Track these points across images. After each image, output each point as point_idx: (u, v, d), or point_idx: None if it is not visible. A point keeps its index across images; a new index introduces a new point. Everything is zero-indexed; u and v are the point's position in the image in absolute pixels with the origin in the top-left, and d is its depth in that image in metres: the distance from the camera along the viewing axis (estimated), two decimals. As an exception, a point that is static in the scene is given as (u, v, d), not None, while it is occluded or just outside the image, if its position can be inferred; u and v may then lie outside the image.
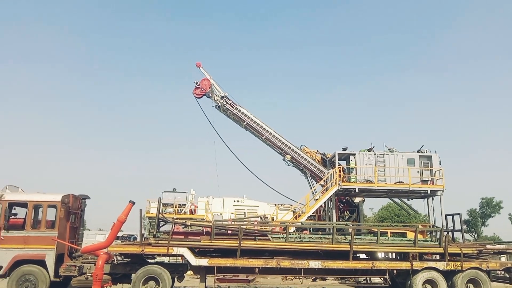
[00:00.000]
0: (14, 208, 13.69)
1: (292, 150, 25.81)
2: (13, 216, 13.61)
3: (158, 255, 14.26)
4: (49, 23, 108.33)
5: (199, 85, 26.69)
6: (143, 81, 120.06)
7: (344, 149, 23.39)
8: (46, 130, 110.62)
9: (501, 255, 17.17)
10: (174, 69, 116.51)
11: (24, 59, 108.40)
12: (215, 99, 26.52)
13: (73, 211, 14.33)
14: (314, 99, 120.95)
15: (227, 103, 26.41)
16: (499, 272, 15.16)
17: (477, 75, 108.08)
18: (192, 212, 25.94)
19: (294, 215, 23.52)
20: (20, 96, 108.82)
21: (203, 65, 27.15)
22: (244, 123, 26.29)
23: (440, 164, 22.75)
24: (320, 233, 16.57)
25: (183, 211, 25.59)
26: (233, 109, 26.39)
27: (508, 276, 14.63)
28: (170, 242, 13.42)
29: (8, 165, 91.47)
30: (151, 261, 14.32)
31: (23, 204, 13.44)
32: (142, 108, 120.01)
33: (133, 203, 13.72)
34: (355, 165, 22.64)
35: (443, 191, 22.16)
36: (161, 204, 16.29)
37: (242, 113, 26.36)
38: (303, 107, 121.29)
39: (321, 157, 25.97)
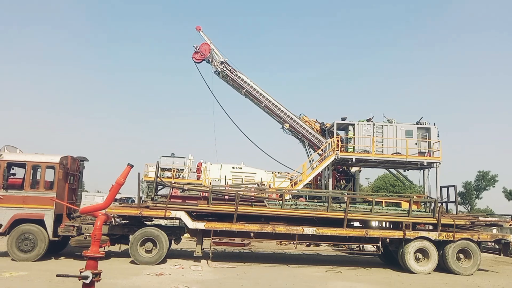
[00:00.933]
0: (13, 168, 13.77)
1: (291, 118, 25.60)
2: (11, 176, 13.69)
3: (156, 217, 14.46)
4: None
5: (198, 49, 26.00)
6: (143, 46, 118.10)
7: (343, 119, 23.29)
8: (43, 94, 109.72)
9: (493, 227, 17.48)
10: (174, 34, 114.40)
11: (23, 21, 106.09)
12: (215, 64, 25.93)
13: (71, 172, 14.40)
14: (315, 70, 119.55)
15: (226, 69, 25.89)
16: (490, 244, 15.48)
17: (477, 49, 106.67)
18: (199, 171, 26.00)
19: (290, 182, 23.72)
20: (20, 61, 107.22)
21: (203, 29, 26.60)
22: (244, 90, 25.90)
23: (438, 136, 22.72)
24: (316, 201, 16.78)
25: (181, 176, 25.79)
26: (233, 75, 25.89)
27: (498, 247, 14.94)
28: (168, 205, 13.58)
29: (8, 127, 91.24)
30: (149, 223, 14.56)
31: (22, 165, 13.50)
32: (141, 73, 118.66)
33: (132, 166, 13.70)
34: (353, 135, 22.62)
35: (439, 163, 22.23)
36: (159, 168, 16.39)
37: (242, 79, 25.90)
38: (304, 76, 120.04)
39: (320, 127, 25.85)
